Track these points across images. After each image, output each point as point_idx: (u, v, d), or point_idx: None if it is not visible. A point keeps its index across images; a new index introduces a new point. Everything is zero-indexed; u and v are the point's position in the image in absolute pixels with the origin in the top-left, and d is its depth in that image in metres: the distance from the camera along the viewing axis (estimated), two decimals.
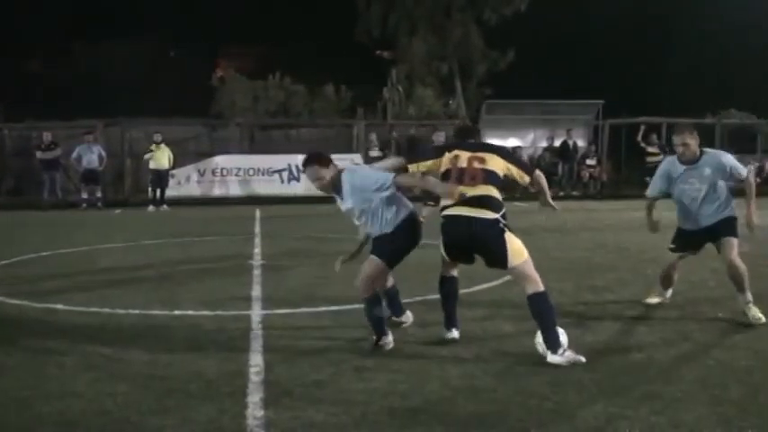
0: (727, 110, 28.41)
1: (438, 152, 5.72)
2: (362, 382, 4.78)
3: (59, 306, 7.24)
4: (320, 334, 6.08)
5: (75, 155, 21.13)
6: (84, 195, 21.44)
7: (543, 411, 4.29)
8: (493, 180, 5.41)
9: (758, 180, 25.88)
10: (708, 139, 26.86)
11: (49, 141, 21.35)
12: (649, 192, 6.90)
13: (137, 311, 7.00)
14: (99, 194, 21.54)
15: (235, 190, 22.39)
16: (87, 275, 9.34)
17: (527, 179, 5.66)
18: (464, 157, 5.47)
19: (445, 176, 5.50)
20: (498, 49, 32.10)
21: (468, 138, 5.83)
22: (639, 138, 23.71)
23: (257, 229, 14.48)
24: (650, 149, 23.45)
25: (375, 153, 20.03)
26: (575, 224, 15.17)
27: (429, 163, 5.65)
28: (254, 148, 24.33)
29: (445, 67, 32.26)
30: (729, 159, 6.54)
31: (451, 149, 5.62)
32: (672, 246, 6.89)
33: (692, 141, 6.47)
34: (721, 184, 6.47)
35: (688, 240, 6.77)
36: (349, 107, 29.88)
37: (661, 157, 23.58)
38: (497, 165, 5.47)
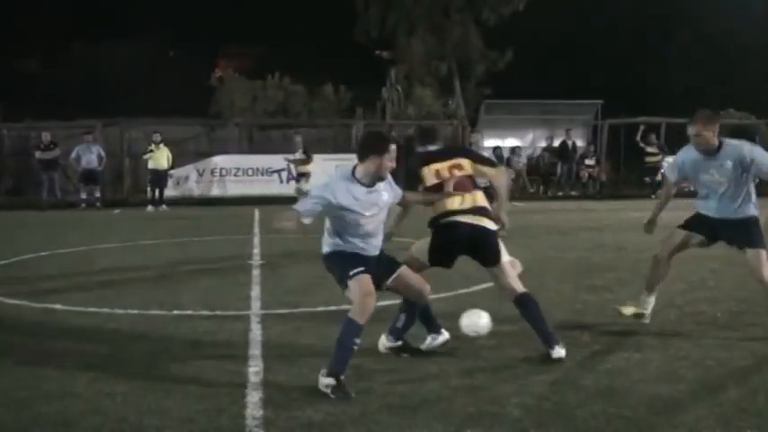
0: (726, 110, 28.43)
1: (416, 177, 5.51)
2: (361, 382, 4.78)
3: (58, 306, 7.24)
4: (319, 334, 6.06)
5: (74, 155, 21.13)
6: (83, 195, 21.45)
7: (542, 411, 4.29)
8: (475, 184, 5.51)
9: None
10: None
11: (48, 141, 21.35)
12: (671, 179, 6.35)
13: (135, 311, 7.00)
14: (98, 194, 21.55)
15: (233, 190, 22.38)
16: (86, 276, 9.33)
17: (492, 171, 5.65)
18: (444, 168, 5.45)
19: (435, 191, 5.43)
20: (497, 49, 32.10)
21: (432, 142, 5.71)
22: (638, 138, 23.76)
23: (256, 229, 14.46)
24: (649, 149, 23.50)
25: (299, 155, 19.70)
26: (573, 224, 15.17)
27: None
28: (252, 148, 24.32)
29: (444, 67, 32.25)
30: (751, 150, 5.85)
31: (428, 163, 5.52)
32: (682, 223, 6.21)
33: (707, 132, 5.76)
34: (744, 179, 5.83)
35: (702, 224, 6.10)
36: (348, 107, 29.88)
37: (660, 157, 23.69)
38: (469, 167, 5.50)
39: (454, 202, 5.35)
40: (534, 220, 15.68)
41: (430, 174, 5.46)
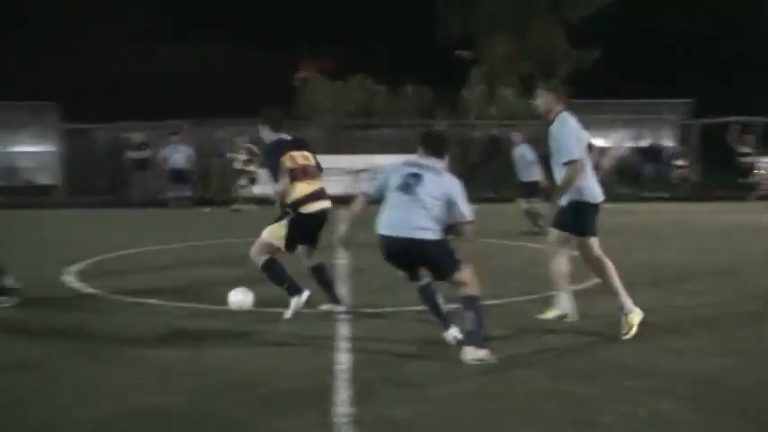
0: None
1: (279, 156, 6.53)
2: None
3: (153, 301, 7.43)
4: (405, 332, 6.07)
5: (162, 154, 21.70)
6: (173, 194, 21.96)
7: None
8: (320, 169, 6.73)
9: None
10: None
11: (140, 141, 22.07)
12: None
13: (220, 307, 7.06)
14: (187, 193, 21.93)
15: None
16: (177, 270, 9.55)
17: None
18: (297, 156, 6.52)
19: (293, 175, 6.44)
20: (582, 48, 31.54)
21: (284, 129, 6.80)
22: (732, 137, 22.95)
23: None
24: (742, 149, 22.72)
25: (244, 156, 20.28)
26: (664, 226, 14.79)
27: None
28: (336, 148, 24.54)
29: (527, 66, 31.87)
30: (564, 124, 5.81)
31: (289, 150, 6.55)
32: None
33: (540, 99, 5.92)
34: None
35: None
36: (429, 107, 29.83)
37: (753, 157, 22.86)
38: (312, 158, 6.65)
39: (309, 188, 6.45)
40: (622, 220, 15.34)
41: (289, 159, 6.47)
